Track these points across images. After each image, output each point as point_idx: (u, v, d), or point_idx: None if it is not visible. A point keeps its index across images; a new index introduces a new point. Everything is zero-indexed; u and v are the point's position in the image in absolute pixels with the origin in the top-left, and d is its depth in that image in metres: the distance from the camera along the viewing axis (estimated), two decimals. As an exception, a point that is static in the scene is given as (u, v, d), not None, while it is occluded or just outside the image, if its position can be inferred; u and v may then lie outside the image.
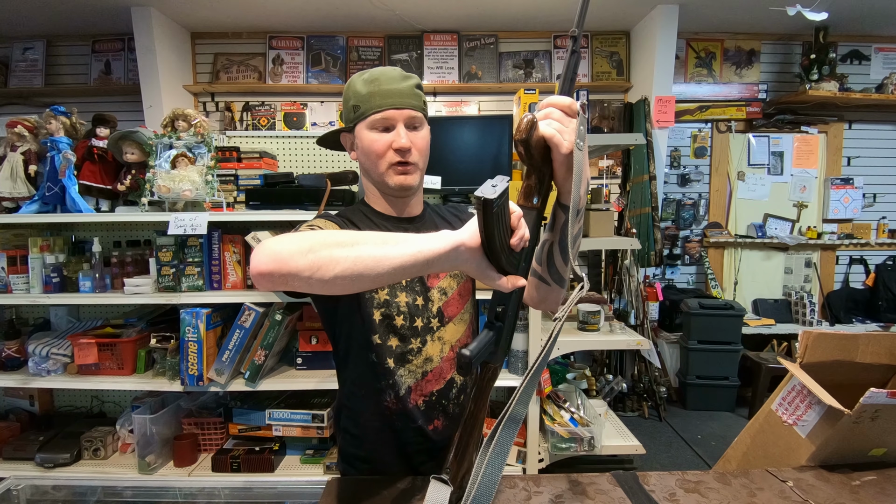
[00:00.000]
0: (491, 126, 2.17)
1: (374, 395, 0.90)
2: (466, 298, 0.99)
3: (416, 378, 0.91)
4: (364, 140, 0.88)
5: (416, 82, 0.89)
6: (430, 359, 0.92)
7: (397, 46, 3.54)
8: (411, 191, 0.92)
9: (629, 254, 3.10)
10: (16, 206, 1.89)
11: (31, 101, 3.50)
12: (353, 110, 0.88)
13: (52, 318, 2.16)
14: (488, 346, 0.64)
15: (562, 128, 0.62)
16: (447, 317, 0.94)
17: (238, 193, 2.03)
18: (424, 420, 0.91)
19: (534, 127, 0.62)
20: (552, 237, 0.73)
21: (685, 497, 0.75)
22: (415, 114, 0.87)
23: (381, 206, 0.95)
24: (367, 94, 0.86)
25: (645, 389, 3.19)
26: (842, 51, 3.59)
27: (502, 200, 0.55)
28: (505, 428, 0.59)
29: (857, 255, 3.67)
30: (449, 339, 0.94)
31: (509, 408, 0.59)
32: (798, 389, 0.87)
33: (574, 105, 0.63)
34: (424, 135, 0.91)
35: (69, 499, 1.34)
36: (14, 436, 2.03)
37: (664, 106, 3.15)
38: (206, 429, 2.01)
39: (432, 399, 0.92)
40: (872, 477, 0.81)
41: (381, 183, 0.91)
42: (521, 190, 0.66)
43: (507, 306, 0.65)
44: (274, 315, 1.82)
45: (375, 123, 0.86)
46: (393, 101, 0.85)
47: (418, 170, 0.90)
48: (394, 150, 0.86)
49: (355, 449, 0.95)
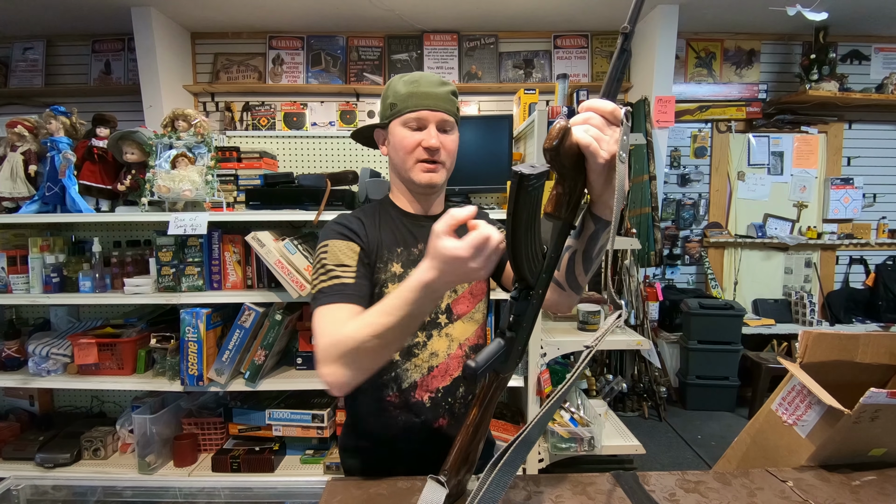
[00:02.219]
0: (491, 126, 2.17)
1: (377, 390, 0.91)
2: (479, 298, 0.99)
3: (423, 373, 0.91)
4: (396, 136, 0.92)
5: (452, 89, 0.93)
6: (436, 353, 0.92)
7: (397, 46, 3.54)
8: (436, 189, 0.95)
9: (629, 254, 3.10)
10: (16, 206, 1.89)
11: (31, 101, 3.50)
12: (390, 108, 0.93)
13: (52, 318, 2.16)
14: (497, 358, 0.61)
15: (600, 136, 0.57)
16: (456, 314, 0.94)
17: (238, 193, 2.03)
18: (429, 416, 0.91)
19: (566, 135, 0.56)
20: (577, 245, 0.70)
21: (685, 497, 0.75)
22: (447, 117, 0.91)
23: (405, 203, 0.98)
24: (406, 94, 0.90)
25: (645, 389, 3.19)
26: (842, 51, 3.59)
27: (539, 182, 0.54)
28: (516, 450, 0.57)
29: (857, 255, 3.67)
30: (457, 337, 0.94)
31: (524, 431, 0.58)
32: (798, 389, 0.87)
33: (618, 112, 0.57)
34: (454, 138, 0.95)
35: (69, 499, 1.33)
36: (14, 436, 2.03)
37: (664, 106, 3.15)
38: (206, 429, 2.01)
39: (438, 396, 0.92)
40: (872, 477, 0.81)
41: (407, 179, 0.94)
42: (550, 198, 0.61)
43: (522, 317, 0.62)
44: (274, 315, 1.82)
45: (409, 122, 0.90)
46: (428, 104, 0.89)
47: (445, 169, 0.94)
48: (423, 147, 0.90)
49: (358, 441, 0.96)
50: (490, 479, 0.56)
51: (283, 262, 1.72)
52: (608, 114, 0.58)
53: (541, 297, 0.63)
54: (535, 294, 0.62)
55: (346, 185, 1.99)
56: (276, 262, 1.72)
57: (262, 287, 1.93)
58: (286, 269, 1.72)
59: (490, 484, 0.56)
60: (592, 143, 0.56)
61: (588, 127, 0.57)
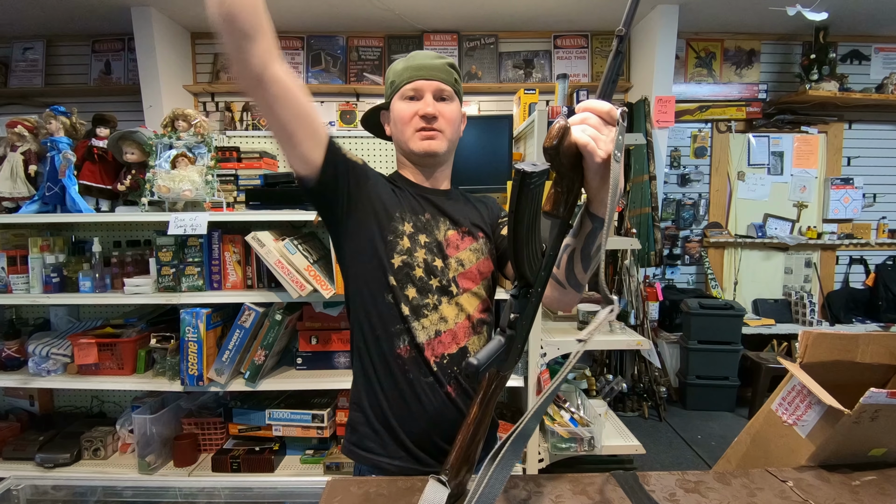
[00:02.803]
0: (491, 126, 2.17)
1: (388, 340, 0.89)
2: (485, 276, 0.97)
3: (430, 335, 0.89)
4: (395, 110, 0.94)
5: (449, 62, 0.94)
6: (445, 319, 0.90)
7: (397, 46, 3.54)
8: (437, 158, 0.95)
9: (629, 254, 3.10)
10: (16, 206, 1.89)
11: (31, 101, 3.50)
12: (390, 86, 0.95)
13: (52, 318, 2.16)
14: (498, 355, 0.62)
15: (598, 135, 0.58)
16: (462, 288, 0.93)
17: (238, 193, 2.03)
18: (437, 380, 0.89)
19: (566, 134, 0.58)
20: (575, 244, 0.71)
21: (685, 497, 0.75)
22: (443, 86, 0.92)
23: (412, 174, 0.99)
24: (402, 68, 0.92)
25: (645, 389, 3.19)
26: (842, 51, 3.59)
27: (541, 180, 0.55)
28: (513, 443, 0.58)
29: (857, 255, 3.67)
30: (466, 308, 0.93)
31: (520, 424, 0.58)
32: (798, 389, 0.87)
33: (614, 112, 0.59)
34: (454, 108, 0.94)
35: (69, 499, 1.34)
36: (14, 436, 2.03)
37: (664, 106, 3.15)
38: (206, 429, 2.01)
39: (444, 363, 0.90)
40: (872, 477, 0.81)
41: (408, 151, 0.94)
42: (548, 196, 0.62)
43: (521, 315, 0.63)
44: (274, 315, 1.82)
45: (406, 93, 0.92)
46: (422, 74, 0.91)
47: (445, 138, 0.93)
48: (419, 116, 0.90)
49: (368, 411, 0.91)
50: (490, 474, 0.56)
51: (283, 262, 1.72)
52: (605, 114, 0.59)
53: (539, 294, 0.64)
54: (534, 292, 0.63)
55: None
56: (276, 262, 1.72)
57: (262, 287, 1.93)
58: (286, 269, 1.72)
59: (490, 479, 0.56)
60: (590, 143, 0.57)
61: (585, 127, 0.58)
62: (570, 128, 0.58)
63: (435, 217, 0.95)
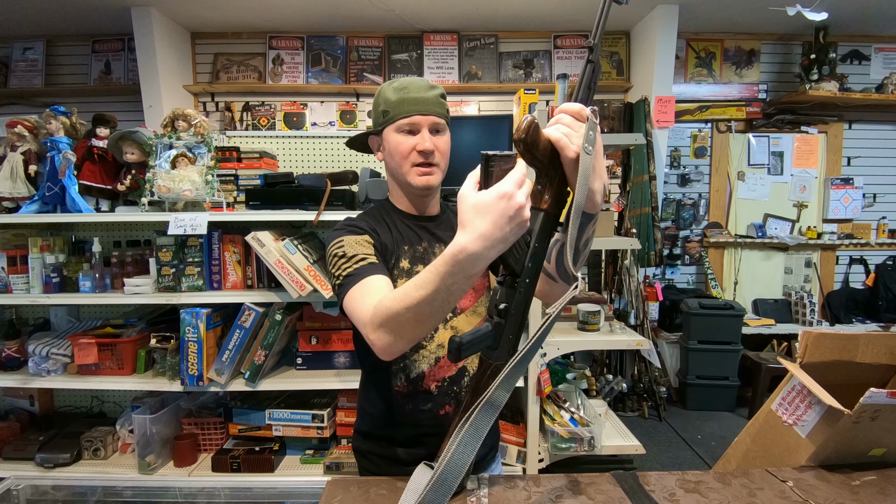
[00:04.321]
0: (491, 126, 2.17)
1: (387, 380, 0.95)
2: (481, 293, 1.01)
3: (430, 363, 0.94)
4: (391, 142, 0.95)
5: (441, 92, 0.97)
6: (443, 345, 0.95)
7: (397, 46, 3.54)
8: (433, 190, 0.99)
9: (629, 254, 3.10)
10: (16, 206, 1.89)
11: (31, 101, 3.50)
12: (382, 115, 0.96)
13: (52, 318, 2.16)
14: (483, 339, 0.64)
15: (570, 132, 0.64)
16: (459, 308, 0.97)
17: (238, 193, 2.03)
18: (435, 404, 0.95)
19: (533, 128, 0.61)
20: (564, 238, 0.73)
21: (685, 497, 0.75)
22: (439, 120, 0.95)
23: (404, 204, 1.02)
24: (397, 100, 0.93)
25: (645, 389, 3.19)
26: (842, 51, 3.59)
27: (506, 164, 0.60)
28: (482, 411, 0.60)
29: (857, 255, 3.67)
30: (462, 329, 0.96)
31: (489, 391, 0.60)
32: (798, 389, 0.87)
33: (584, 111, 0.64)
34: (446, 139, 0.98)
35: (69, 499, 1.33)
36: (14, 436, 2.03)
37: (664, 106, 3.15)
38: (206, 429, 2.01)
39: (444, 385, 0.95)
40: (872, 477, 0.81)
41: (404, 183, 0.97)
42: (531, 191, 0.66)
43: (509, 305, 0.65)
44: (274, 315, 1.82)
45: (402, 127, 0.93)
46: (419, 108, 0.93)
47: (440, 171, 0.97)
48: (417, 151, 0.93)
49: (370, 427, 1.00)
50: (458, 440, 0.59)
51: (283, 262, 1.72)
52: (575, 112, 0.65)
53: (528, 286, 0.66)
54: (520, 282, 0.66)
55: (346, 185, 1.99)
56: (276, 262, 1.72)
57: (262, 287, 1.93)
58: (286, 269, 1.72)
59: (458, 445, 0.59)
60: (562, 139, 0.63)
61: (559, 125, 0.64)
62: (537, 123, 0.62)
63: (431, 244, 0.99)
